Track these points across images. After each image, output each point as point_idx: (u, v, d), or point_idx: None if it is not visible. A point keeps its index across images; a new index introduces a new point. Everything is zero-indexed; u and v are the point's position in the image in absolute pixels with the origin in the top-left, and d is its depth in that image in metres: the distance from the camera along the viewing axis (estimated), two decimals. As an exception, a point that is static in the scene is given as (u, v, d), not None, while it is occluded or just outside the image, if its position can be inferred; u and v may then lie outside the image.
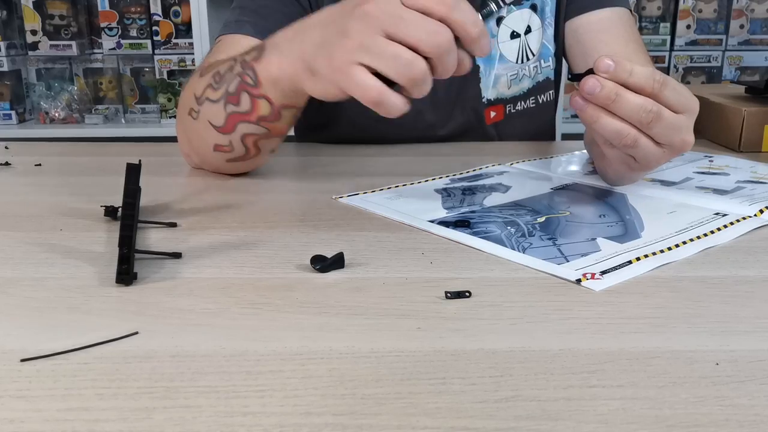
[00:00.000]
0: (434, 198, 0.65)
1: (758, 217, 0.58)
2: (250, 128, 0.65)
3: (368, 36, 0.49)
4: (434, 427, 0.29)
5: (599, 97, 0.52)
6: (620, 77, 0.52)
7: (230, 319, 0.40)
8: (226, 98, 0.63)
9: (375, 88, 0.49)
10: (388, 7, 0.49)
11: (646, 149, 0.54)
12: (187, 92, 0.71)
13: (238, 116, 0.64)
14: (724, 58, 2.12)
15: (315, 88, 0.56)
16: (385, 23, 0.49)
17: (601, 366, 0.34)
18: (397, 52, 0.49)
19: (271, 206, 0.62)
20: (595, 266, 0.47)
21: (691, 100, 0.54)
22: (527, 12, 0.92)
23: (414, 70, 0.49)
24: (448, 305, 0.41)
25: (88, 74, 2.17)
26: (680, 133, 0.54)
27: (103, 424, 0.29)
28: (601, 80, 0.52)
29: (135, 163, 0.47)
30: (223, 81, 0.64)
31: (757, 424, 0.30)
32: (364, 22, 0.49)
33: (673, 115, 0.53)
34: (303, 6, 0.86)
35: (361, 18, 0.50)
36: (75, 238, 0.53)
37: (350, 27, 0.50)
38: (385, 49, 0.49)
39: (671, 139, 0.54)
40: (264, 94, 0.61)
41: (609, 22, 0.91)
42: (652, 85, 0.52)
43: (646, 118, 0.52)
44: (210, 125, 0.66)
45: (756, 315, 0.40)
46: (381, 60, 0.49)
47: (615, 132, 0.53)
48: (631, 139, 0.53)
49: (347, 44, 0.50)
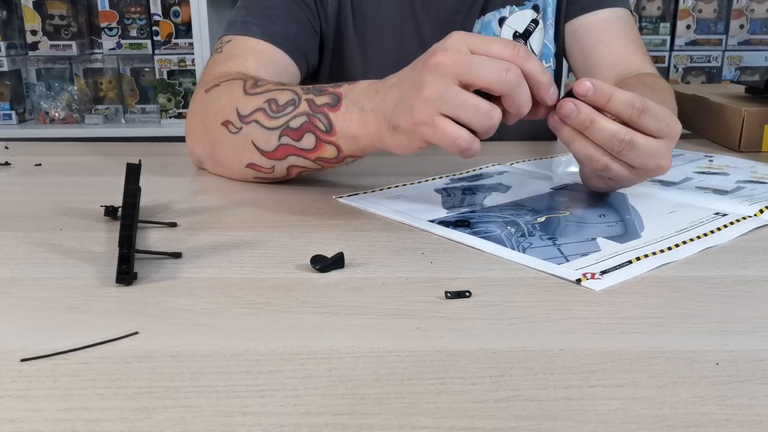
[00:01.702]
0: (434, 198, 0.65)
1: (758, 217, 0.58)
2: (302, 162, 0.64)
3: (444, 86, 0.51)
4: (434, 427, 0.29)
5: (574, 122, 0.53)
6: (599, 101, 0.52)
7: (230, 319, 0.40)
8: (284, 131, 0.62)
9: (464, 138, 0.51)
10: (457, 56, 0.51)
11: (617, 173, 0.55)
12: (222, 100, 0.68)
13: (293, 149, 0.63)
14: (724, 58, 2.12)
15: (397, 143, 0.56)
16: (457, 71, 0.51)
17: (601, 366, 0.34)
18: (476, 103, 0.51)
19: (271, 206, 0.62)
20: (595, 266, 0.47)
21: (672, 125, 0.54)
22: (529, 12, 0.92)
23: (493, 120, 0.51)
24: (448, 305, 0.41)
25: (88, 74, 2.17)
26: (655, 159, 0.54)
27: (103, 424, 0.29)
28: (578, 105, 0.52)
29: (135, 163, 0.47)
30: (282, 113, 0.63)
31: (757, 424, 0.30)
32: (437, 73, 0.51)
33: (648, 142, 0.53)
34: (310, 8, 0.86)
35: (433, 70, 0.51)
36: (75, 238, 0.53)
37: (425, 80, 0.52)
38: (465, 101, 0.51)
39: (645, 164, 0.54)
40: (335, 142, 0.60)
41: (608, 23, 0.92)
42: (630, 112, 0.52)
43: (618, 146, 0.52)
44: (254, 146, 0.65)
45: (756, 315, 0.40)
46: (462, 110, 0.51)
47: (587, 156, 0.54)
48: (602, 165, 0.54)
49: (425, 96, 0.51)
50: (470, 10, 0.91)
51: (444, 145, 0.52)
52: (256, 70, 0.75)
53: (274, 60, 0.80)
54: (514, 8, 0.92)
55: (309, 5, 0.86)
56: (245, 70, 0.75)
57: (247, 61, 0.77)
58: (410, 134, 0.54)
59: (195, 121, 0.73)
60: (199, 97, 0.73)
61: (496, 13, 0.91)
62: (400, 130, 0.55)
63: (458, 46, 0.52)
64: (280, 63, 0.80)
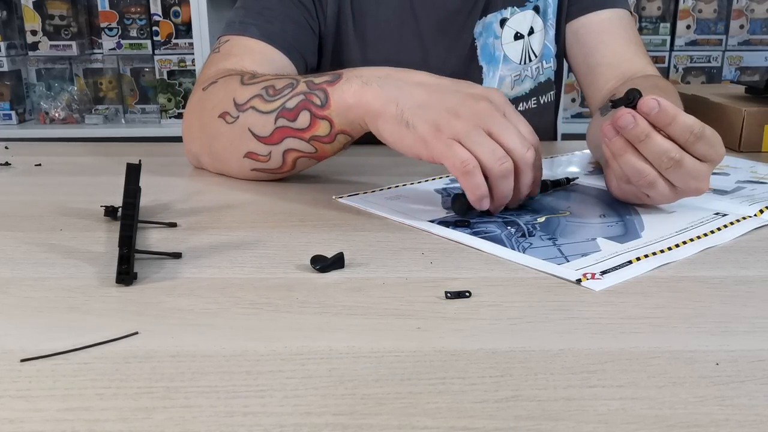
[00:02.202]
0: (434, 198, 0.65)
1: (758, 217, 0.58)
2: (297, 144, 0.65)
3: (474, 127, 0.55)
4: (434, 427, 0.29)
5: (630, 134, 0.53)
6: (661, 122, 0.53)
7: (230, 319, 0.40)
8: (280, 112, 0.64)
9: (470, 161, 0.54)
10: (495, 112, 0.56)
11: (661, 190, 0.55)
12: (219, 94, 0.69)
13: (289, 131, 0.64)
14: (724, 58, 2.12)
15: (398, 135, 0.58)
16: (491, 124, 0.55)
17: (601, 366, 0.34)
18: (494, 147, 0.54)
19: (271, 206, 0.62)
20: (595, 266, 0.47)
21: (719, 150, 0.55)
22: (530, 13, 0.92)
23: (505, 164, 0.54)
24: (448, 305, 0.41)
25: (88, 74, 2.17)
26: (697, 181, 0.55)
27: (103, 424, 0.29)
28: (637, 118, 0.53)
29: (135, 163, 0.47)
30: (279, 96, 0.64)
31: (757, 424, 0.30)
32: (475, 114, 0.55)
33: (694, 164, 0.54)
34: (309, 9, 0.86)
35: (473, 109, 0.56)
36: (75, 238, 0.53)
37: (462, 112, 0.55)
38: (485, 141, 0.54)
39: (686, 185, 0.55)
40: (328, 116, 0.62)
41: (609, 23, 0.92)
42: (687, 137, 0.53)
43: (667, 164, 0.53)
44: (250, 133, 0.66)
45: (756, 315, 0.40)
46: (480, 147, 0.54)
47: (636, 171, 0.55)
48: (649, 181, 0.55)
49: (456, 125, 0.55)
50: (471, 11, 0.91)
51: (449, 164, 0.54)
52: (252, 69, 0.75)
53: (272, 60, 0.80)
54: (516, 9, 0.92)
55: (307, 6, 0.85)
56: (242, 68, 0.75)
57: (243, 61, 0.77)
58: (420, 140, 0.56)
59: (191, 119, 0.74)
60: (197, 95, 0.73)
61: (497, 14, 0.92)
62: (411, 131, 0.56)
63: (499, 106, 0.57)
64: (277, 63, 0.80)
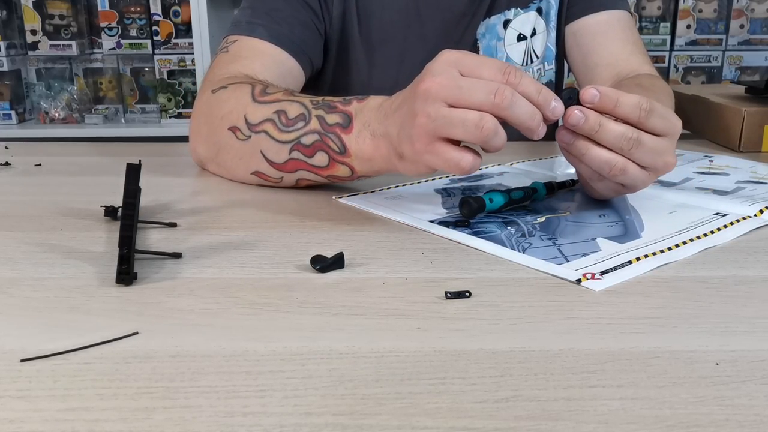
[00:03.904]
0: (434, 198, 0.65)
1: (758, 217, 0.58)
2: (312, 177, 0.64)
3: (434, 111, 0.50)
4: (434, 427, 0.29)
5: (584, 129, 0.53)
6: (606, 107, 0.53)
7: (230, 319, 0.40)
8: (295, 145, 0.62)
9: (467, 160, 0.51)
10: (445, 80, 0.50)
11: (633, 174, 0.54)
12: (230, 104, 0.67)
13: (305, 165, 0.62)
14: (724, 58, 2.12)
15: (407, 169, 0.56)
16: (446, 96, 0.50)
17: (601, 366, 0.34)
18: (462, 116, 0.50)
19: (271, 206, 0.62)
20: (595, 266, 0.47)
21: (675, 123, 0.55)
22: (533, 15, 0.93)
23: (484, 128, 0.50)
24: (448, 305, 0.41)
25: (88, 74, 2.17)
26: (662, 156, 0.54)
27: (103, 424, 0.29)
28: (585, 111, 0.52)
29: (135, 163, 0.47)
30: (293, 128, 0.62)
31: (757, 424, 0.30)
32: (426, 99, 0.51)
33: (654, 140, 0.53)
34: (315, 11, 0.85)
35: (423, 97, 0.51)
36: (75, 238, 0.53)
37: (417, 108, 0.52)
38: (450, 116, 0.50)
39: (654, 163, 0.54)
40: (349, 163, 0.60)
41: (607, 25, 0.92)
42: (638, 114, 0.52)
43: (627, 145, 0.53)
44: (262, 156, 0.64)
45: (756, 315, 0.40)
46: (453, 128, 0.50)
47: (605, 162, 0.54)
48: (619, 168, 0.54)
49: (419, 124, 0.51)
50: (475, 13, 0.91)
51: (449, 170, 0.52)
52: (262, 73, 0.75)
53: (280, 62, 0.80)
54: (519, 10, 0.92)
55: (313, 7, 0.85)
56: (252, 72, 0.75)
57: (253, 64, 0.76)
58: (415, 162, 0.54)
59: (200, 122, 0.73)
60: (205, 97, 0.72)
61: (500, 16, 0.92)
62: (406, 159, 0.55)
63: (447, 69, 0.51)
64: (285, 65, 0.80)
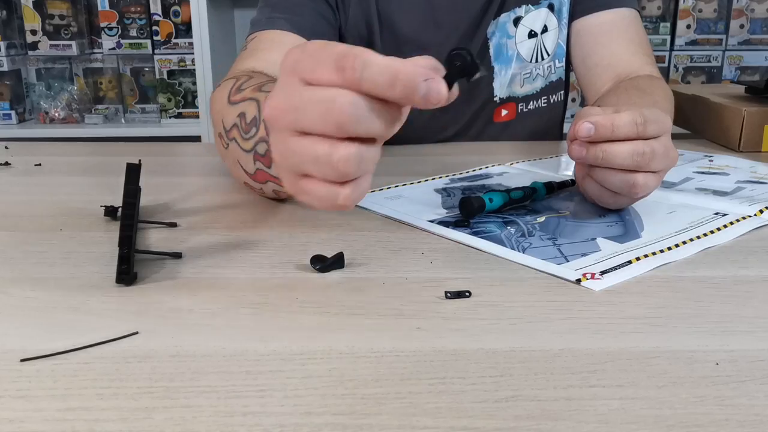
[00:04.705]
0: (434, 198, 0.65)
1: (758, 217, 0.58)
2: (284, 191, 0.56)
3: (283, 147, 0.39)
4: (434, 427, 0.29)
5: (588, 160, 0.54)
6: (604, 136, 0.53)
7: (230, 319, 0.40)
8: (255, 155, 0.56)
9: (341, 198, 0.38)
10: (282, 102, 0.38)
11: (653, 185, 0.55)
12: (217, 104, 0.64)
13: (269, 176, 0.56)
14: (724, 57, 2.12)
15: None
16: (287, 124, 0.38)
17: (601, 366, 0.34)
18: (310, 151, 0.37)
19: (271, 206, 0.62)
20: (595, 266, 0.47)
21: (664, 120, 0.55)
22: (545, 11, 0.92)
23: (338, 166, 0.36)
24: (448, 305, 0.41)
25: (88, 74, 2.17)
26: (669, 154, 0.55)
27: (103, 424, 0.29)
28: (583, 146, 0.54)
29: (135, 163, 0.47)
30: (249, 135, 0.56)
31: (757, 424, 0.30)
32: (272, 129, 0.40)
33: (659, 143, 0.54)
34: (330, 5, 0.86)
35: (269, 126, 0.41)
36: (75, 238, 0.53)
37: (272, 142, 0.41)
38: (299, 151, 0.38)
39: (666, 164, 0.55)
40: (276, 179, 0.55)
41: (611, 24, 0.91)
42: (636, 130, 0.53)
43: (642, 160, 0.53)
44: (240, 166, 0.59)
45: (756, 315, 0.40)
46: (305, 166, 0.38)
47: (626, 182, 0.54)
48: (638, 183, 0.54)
49: (275, 159, 0.41)
50: (487, 11, 0.91)
51: (328, 209, 0.40)
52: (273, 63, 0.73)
53: None
54: (530, 7, 0.92)
55: (330, 4, 0.86)
56: (266, 64, 0.74)
57: (271, 54, 0.75)
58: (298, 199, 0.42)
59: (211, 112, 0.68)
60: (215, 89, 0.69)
61: (511, 14, 0.91)
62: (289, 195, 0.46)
63: (286, 81, 0.38)
64: None
